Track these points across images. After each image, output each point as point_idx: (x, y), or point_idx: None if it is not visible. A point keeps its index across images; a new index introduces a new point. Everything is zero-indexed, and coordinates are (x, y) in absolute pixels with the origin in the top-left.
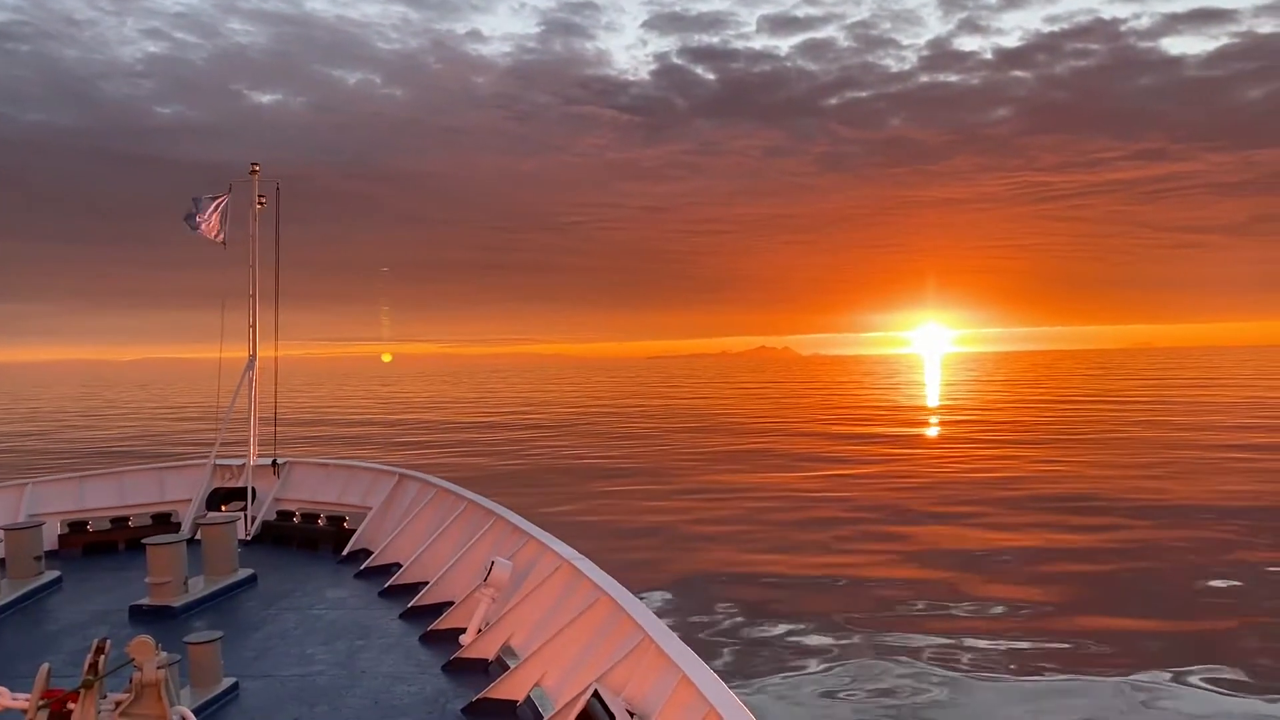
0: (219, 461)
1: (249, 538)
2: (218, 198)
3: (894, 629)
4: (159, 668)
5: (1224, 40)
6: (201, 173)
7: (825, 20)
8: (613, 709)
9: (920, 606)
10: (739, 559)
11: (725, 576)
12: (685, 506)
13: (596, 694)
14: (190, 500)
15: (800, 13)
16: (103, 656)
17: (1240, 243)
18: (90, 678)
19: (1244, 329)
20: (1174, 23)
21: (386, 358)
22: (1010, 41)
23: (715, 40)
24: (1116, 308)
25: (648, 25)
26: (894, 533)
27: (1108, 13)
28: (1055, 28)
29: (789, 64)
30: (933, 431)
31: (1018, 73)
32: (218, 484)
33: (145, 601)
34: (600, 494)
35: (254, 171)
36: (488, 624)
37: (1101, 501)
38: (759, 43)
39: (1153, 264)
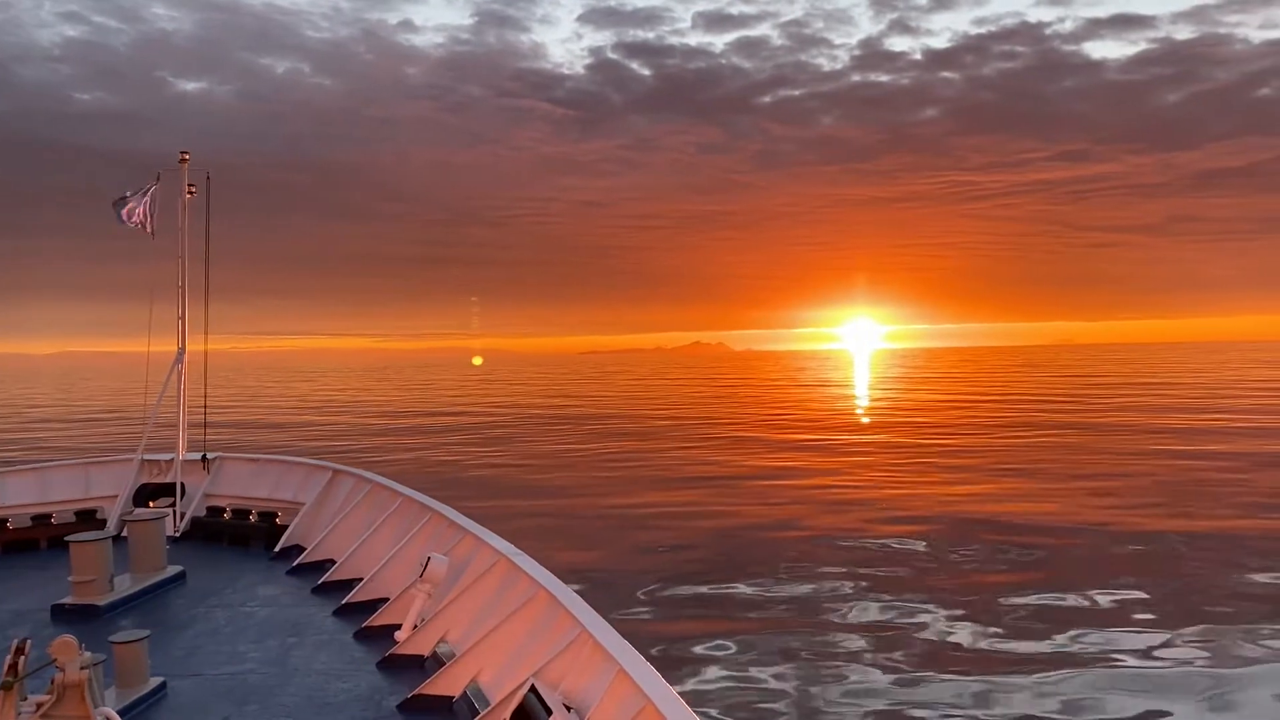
0: (147, 456)
1: (178, 534)
2: (146, 187)
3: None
4: (82, 668)
5: (1143, 45)
6: (124, 161)
7: (759, 18)
8: (550, 703)
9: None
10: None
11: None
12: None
13: (534, 688)
14: (117, 496)
15: (734, 10)
16: (23, 657)
17: (1156, 242)
18: (9, 679)
19: (1160, 326)
20: (1096, 27)
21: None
22: (939, 43)
23: (650, 36)
24: (1039, 305)
25: (583, 19)
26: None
27: (1033, 16)
28: (983, 30)
29: (723, 61)
30: (842, 438)
31: (946, 73)
32: (145, 479)
33: (68, 600)
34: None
35: (184, 160)
36: (423, 620)
37: (1023, 522)
38: (694, 39)
39: (1074, 263)
